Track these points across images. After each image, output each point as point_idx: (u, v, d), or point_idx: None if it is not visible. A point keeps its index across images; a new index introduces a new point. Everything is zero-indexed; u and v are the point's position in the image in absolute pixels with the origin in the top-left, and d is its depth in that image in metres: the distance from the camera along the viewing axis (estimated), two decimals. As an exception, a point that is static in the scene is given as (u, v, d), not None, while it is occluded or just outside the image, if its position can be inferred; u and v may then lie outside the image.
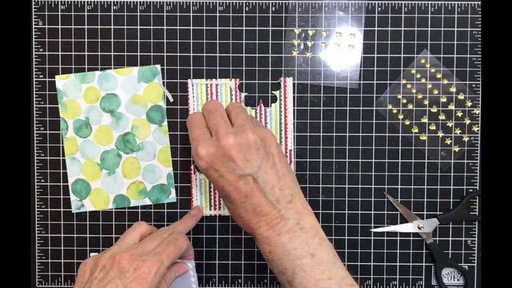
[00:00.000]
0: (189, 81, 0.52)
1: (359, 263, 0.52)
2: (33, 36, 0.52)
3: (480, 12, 0.51)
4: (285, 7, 0.52)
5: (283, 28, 0.52)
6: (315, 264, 0.42)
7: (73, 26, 0.52)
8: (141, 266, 0.39)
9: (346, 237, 0.52)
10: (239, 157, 0.41)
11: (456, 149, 0.52)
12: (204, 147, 0.42)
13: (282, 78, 0.52)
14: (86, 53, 0.52)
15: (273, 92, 0.52)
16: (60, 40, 0.52)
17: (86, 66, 0.52)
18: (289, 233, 0.42)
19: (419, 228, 0.52)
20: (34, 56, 0.52)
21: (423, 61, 0.52)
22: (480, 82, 0.52)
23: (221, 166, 0.42)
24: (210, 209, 0.53)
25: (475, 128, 0.52)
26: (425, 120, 0.52)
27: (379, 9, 0.52)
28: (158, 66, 0.52)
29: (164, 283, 0.42)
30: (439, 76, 0.52)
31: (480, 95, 0.52)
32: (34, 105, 0.52)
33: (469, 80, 0.52)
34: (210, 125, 0.44)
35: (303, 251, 0.42)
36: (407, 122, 0.52)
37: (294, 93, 0.52)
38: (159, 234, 0.44)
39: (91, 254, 0.53)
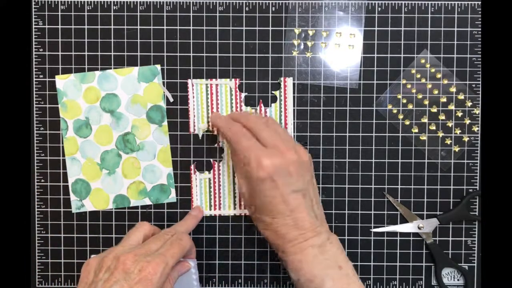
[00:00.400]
0: (189, 81, 0.52)
1: (359, 263, 0.52)
2: (33, 36, 0.52)
3: (480, 12, 0.51)
4: (285, 7, 0.52)
5: (283, 28, 0.52)
6: (342, 275, 0.44)
7: (73, 26, 0.52)
8: (146, 267, 0.39)
9: (346, 237, 0.52)
10: (297, 172, 0.44)
11: (456, 149, 0.52)
12: (268, 158, 0.43)
13: (282, 78, 0.52)
14: (86, 53, 0.52)
15: (273, 92, 0.52)
16: (60, 40, 0.52)
17: (86, 66, 0.52)
18: (321, 246, 0.44)
19: (419, 228, 0.52)
20: (34, 56, 0.52)
21: (423, 61, 0.52)
22: (480, 82, 0.52)
23: (279, 178, 0.43)
24: (210, 209, 0.53)
25: (475, 128, 0.52)
26: (425, 120, 0.52)
27: (379, 9, 0.52)
28: (158, 66, 0.52)
29: (168, 283, 0.42)
30: (439, 76, 0.52)
31: (480, 95, 0.52)
32: (34, 105, 0.52)
33: (469, 80, 0.52)
34: (263, 137, 0.45)
35: (332, 262, 0.44)
36: (407, 122, 0.52)
37: (294, 93, 0.52)
38: (162, 235, 0.44)
39: (92, 254, 0.53)
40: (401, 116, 0.52)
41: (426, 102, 0.52)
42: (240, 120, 0.48)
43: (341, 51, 0.52)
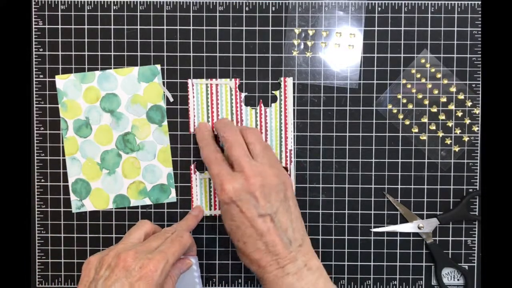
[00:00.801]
0: (189, 81, 0.52)
1: (359, 263, 0.52)
2: (33, 36, 0.52)
3: (480, 12, 0.51)
4: (285, 7, 0.52)
5: (283, 28, 0.52)
6: None
7: (73, 26, 0.52)
8: (147, 265, 0.39)
9: (346, 237, 0.52)
10: (262, 197, 0.43)
11: (456, 149, 0.52)
12: (230, 182, 0.43)
13: (282, 78, 0.52)
14: (86, 53, 0.52)
15: (273, 92, 0.52)
16: (60, 40, 0.52)
17: (86, 66, 0.52)
18: (297, 273, 0.43)
19: (419, 228, 0.52)
20: (34, 56, 0.52)
21: (423, 61, 0.52)
22: (480, 82, 0.52)
23: (244, 202, 0.43)
24: (210, 209, 0.53)
25: (475, 128, 0.52)
26: (425, 120, 0.52)
27: (379, 9, 0.52)
28: (158, 66, 0.52)
29: (170, 280, 0.42)
30: (439, 76, 0.52)
31: (480, 95, 0.52)
32: (34, 105, 0.52)
33: (469, 80, 0.52)
34: (232, 158, 0.45)
35: None
36: (407, 122, 0.52)
37: (294, 93, 0.52)
38: (163, 234, 0.44)
39: (92, 254, 0.53)
40: (401, 116, 0.52)
41: (426, 102, 0.52)
42: (220, 133, 0.48)
43: (341, 51, 0.52)
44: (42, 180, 0.52)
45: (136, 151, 0.52)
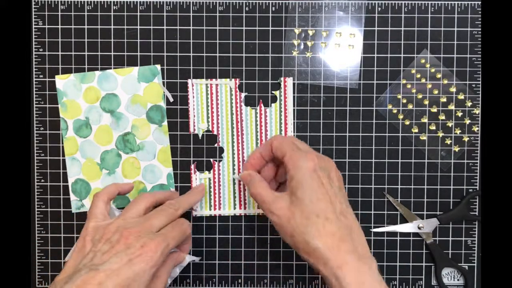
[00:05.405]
0: (189, 81, 0.52)
1: (359, 263, 0.52)
2: (33, 36, 0.52)
3: (480, 12, 0.51)
4: (285, 7, 0.52)
5: (283, 28, 0.52)
6: None
7: (73, 26, 0.52)
8: (148, 244, 0.40)
9: (346, 237, 0.52)
10: (338, 179, 0.44)
11: (456, 149, 0.52)
12: (310, 153, 0.43)
13: (282, 78, 0.52)
14: (86, 53, 0.52)
15: (273, 92, 0.52)
16: (60, 40, 0.52)
17: (86, 66, 0.52)
18: (375, 270, 0.40)
19: (419, 228, 0.52)
20: (34, 56, 0.52)
21: (423, 61, 0.52)
22: (480, 82, 0.52)
23: (323, 174, 0.42)
24: (210, 209, 0.53)
25: (475, 128, 0.52)
26: (425, 120, 0.52)
27: (379, 9, 0.52)
28: (158, 66, 0.52)
29: (164, 269, 0.43)
30: (439, 76, 0.52)
31: (480, 95, 0.52)
32: (34, 105, 0.52)
33: (469, 80, 0.52)
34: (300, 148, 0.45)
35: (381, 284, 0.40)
36: (407, 122, 0.52)
37: (294, 93, 0.52)
38: (166, 209, 0.44)
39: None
40: (401, 116, 0.52)
41: (426, 102, 0.52)
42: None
43: (341, 51, 0.52)
44: (42, 180, 0.52)
45: (136, 151, 0.52)
